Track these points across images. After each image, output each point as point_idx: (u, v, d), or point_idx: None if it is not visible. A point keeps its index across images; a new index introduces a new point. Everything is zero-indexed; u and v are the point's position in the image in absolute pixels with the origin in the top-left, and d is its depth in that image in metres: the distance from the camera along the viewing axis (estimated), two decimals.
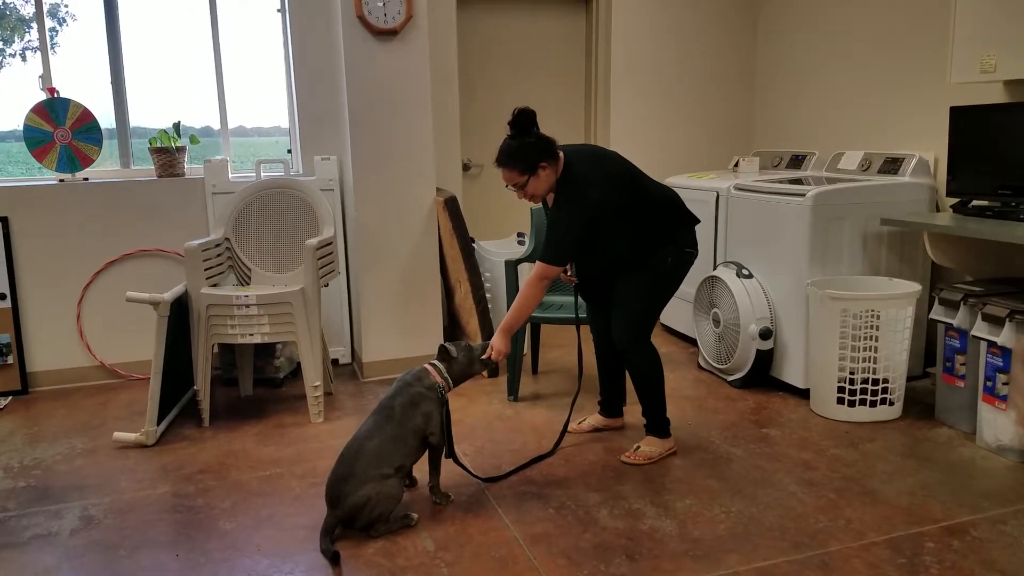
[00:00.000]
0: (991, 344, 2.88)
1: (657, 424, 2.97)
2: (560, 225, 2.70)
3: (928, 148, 3.80)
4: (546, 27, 4.80)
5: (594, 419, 3.24)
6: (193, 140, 4.09)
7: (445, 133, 4.35)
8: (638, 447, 2.95)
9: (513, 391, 3.57)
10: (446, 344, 2.64)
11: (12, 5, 3.93)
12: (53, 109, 3.81)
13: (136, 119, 4.12)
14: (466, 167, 4.72)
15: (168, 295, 3.14)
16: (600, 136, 4.85)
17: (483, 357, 2.70)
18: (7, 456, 3.09)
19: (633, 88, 4.83)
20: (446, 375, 2.61)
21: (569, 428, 3.21)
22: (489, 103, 4.74)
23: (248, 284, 3.66)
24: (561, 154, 2.75)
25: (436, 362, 2.63)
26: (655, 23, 4.80)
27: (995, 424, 2.91)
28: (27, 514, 2.60)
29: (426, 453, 2.57)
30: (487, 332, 3.81)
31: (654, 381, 2.93)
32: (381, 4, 3.62)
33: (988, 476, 2.74)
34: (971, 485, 2.68)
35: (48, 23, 3.91)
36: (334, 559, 2.27)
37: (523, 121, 2.70)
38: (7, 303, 3.80)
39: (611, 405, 3.23)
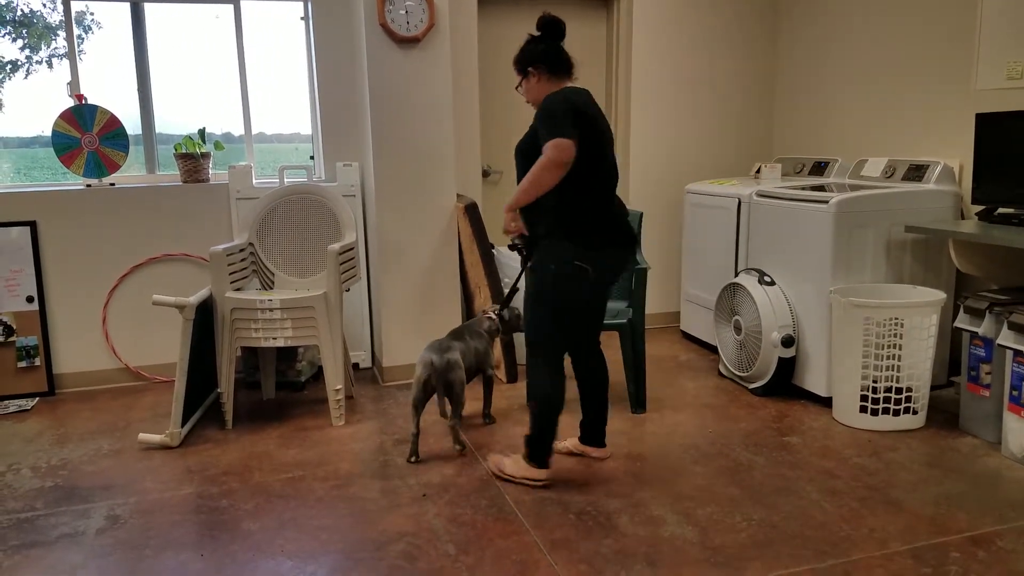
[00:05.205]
0: (1017, 353, 2.85)
1: (530, 448, 2.71)
2: (548, 110, 2.48)
3: (953, 155, 3.77)
4: (567, 34, 4.79)
5: (571, 442, 3.00)
6: (218, 146, 4.14)
7: (466, 140, 4.37)
8: (507, 455, 2.84)
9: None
10: (503, 313, 3.25)
11: (39, 12, 4.00)
12: (81, 115, 3.87)
13: (161, 125, 4.18)
14: (486, 173, 4.74)
15: (193, 299, 3.18)
16: (620, 141, 4.85)
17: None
18: (35, 456, 3.14)
19: (654, 94, 4.83)
20: (497, 322, 3.24)
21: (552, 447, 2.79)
22: (509, 110, 4.76)
23: (271, 288, 3.70)
24: (568, 84, 2.67)
25: (492, 312, 3.25)
26: (676, 29, 4.81)
27: (1021, 434, 2.88)
28: (55, 513, 2.64)
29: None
30: (505, 339, 3.82)
31: (539, 408, 2.65)
32: (404, 12, 3.65)
33: (1014, 486, 2.71)
34: (996, 495, 2.65)
35: (75, 31, 3.97)
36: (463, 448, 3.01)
37: (541, 26, 2.67)
38: (35, 306, 3.86)
39: (587, 431, 2.94)
